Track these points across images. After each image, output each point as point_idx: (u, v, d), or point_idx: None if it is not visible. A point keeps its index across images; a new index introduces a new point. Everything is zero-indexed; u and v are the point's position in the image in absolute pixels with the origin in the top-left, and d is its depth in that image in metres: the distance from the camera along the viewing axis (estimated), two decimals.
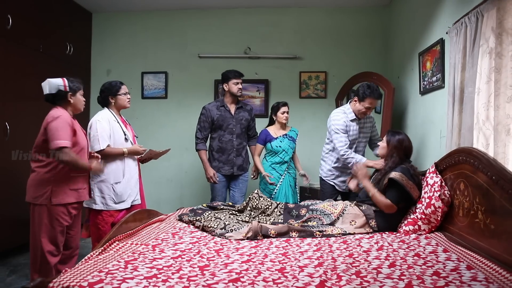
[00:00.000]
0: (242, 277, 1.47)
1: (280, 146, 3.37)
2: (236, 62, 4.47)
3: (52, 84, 2.32)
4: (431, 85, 2.88)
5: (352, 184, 2.74)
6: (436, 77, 2.77)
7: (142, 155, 2.92)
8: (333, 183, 3.13)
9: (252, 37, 4.51)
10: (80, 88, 2.40)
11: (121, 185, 2.65)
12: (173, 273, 1.49)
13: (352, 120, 2.97)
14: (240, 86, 3.36)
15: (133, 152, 2.74)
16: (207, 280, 1.43)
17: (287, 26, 4.49)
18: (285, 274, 1.52)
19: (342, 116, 2.97)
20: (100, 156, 2.52)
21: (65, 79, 2.34)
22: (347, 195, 3.12)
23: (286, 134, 3.42)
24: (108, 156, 2.61)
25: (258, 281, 1.44)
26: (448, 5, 2.66)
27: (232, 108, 3.40)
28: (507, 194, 1.59)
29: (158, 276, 1.46)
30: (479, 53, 1.96)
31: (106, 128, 2.61)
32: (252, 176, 3.61)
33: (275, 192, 3.34)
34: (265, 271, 1.56)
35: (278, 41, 4.49)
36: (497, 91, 1.74)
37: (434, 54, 2.82)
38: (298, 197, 3.53)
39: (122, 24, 4.64)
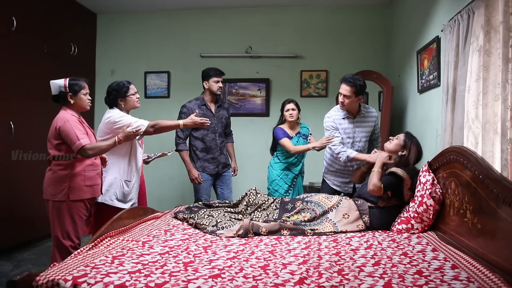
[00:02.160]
0: (224, 273, 1.50)
1: None
2: (238, 62, 4.51)
3: (54, 85, 2.37)
4: (428, 83, 2.86)
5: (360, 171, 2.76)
6: (433, 75, 2.75)
7: (148, 159, 2.97)
8: (332, 184, 3.06)
9: (253, 36, 4.53)
10: (82, 88, 2.40)
11: (130, 184, 2.70)
12: (156, 269, 1.52)
13: (344, 118, 2.90)
14: (220, 84, 3.31)
15: (191, 124, 2.72)
16: (188, 275, 1.45)
17: (288, 25, 4.50)
18: (267, 271, 1.54)
19: (333, 114, 2.94)
20: (107, 158, 2.58)
21: (67, 79, 2.36)
22: (349, 196, 3.06)
23: (299, 133, 3.34)
24: (161, 129, 2.63)
25: (239, 277, 1.46)
26: (444, 3, 2.63)
27: (213, 106, 3.39)
28: (492, 194, 1.58)
29: (142, 271, 1.49)
30: (470, 51, 1.94)
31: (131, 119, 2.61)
32: (232, 173, 3.59)
33: (289, 194, 3.27)
34: (248, 267, 1.58)
35: (279, 40, 4.50)
36: (485, 89, 1.71)
37: (431, 52, 2.79)
38: None
39: (126, 24, 4.71)
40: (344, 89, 2.73)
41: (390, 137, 2.60)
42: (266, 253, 1.82)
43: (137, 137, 2.66)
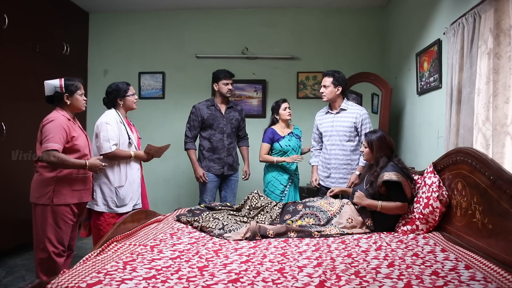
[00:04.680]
0: (242, 277, 1.47)
1: (289, 145, 3.29)
2: (234, 63, 4.47)
3: (49, 85, 2.31)
4: (428, 85, 2.90)
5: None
6: (434, 78, 2.78)
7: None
8: (321, 180, 3.15)
9: (250, 37, 4.51)
10: (78, 88, 2.37)
11: (124, 188, 2.64)
12: (172, 274, 1.49)
13: (327, 113, 3.10)
14: (230, 86, 3.33)
15: (139, 157, 2.74)
16: (207, 280, 1.43)
17: (284, 27, 4.50)
18: (284, 275, 1.52)
19: (319, 112, 3.20)
20: (102, 158, 2.51)
21: (62, 79, 2.31)
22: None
23: (292, 132, 3.36)
24: (115, 158, 2.60)
25: (258, 281, 1.44)
26: (445, 6, 2.67)
27: (223, 107, 3.39)
28: (505, 194, 1.60)
29: (157, 277, 1.45)
30: (477, 54, 1.97)
31: (115, 130, 2.60)
32: (243, 177, 3.57)
33: (285, 195, 3.27)
34: (264, 271, 1.56)
35: (276, 41, 4.49)
36: (496, 92, 1.75)
37: (431, 54, 2.83)
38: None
39: (119, 24, 4.63)
40: (324, 80, 3.02)
41: (361, 150, 2.62)
42: (278, 256, 1.80)
43: (132, 142, 2.71)
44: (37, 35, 3.68)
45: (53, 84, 2.30)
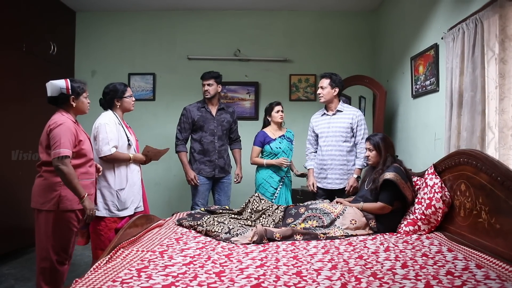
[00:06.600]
0: (263, 282, 1.45)
1: (280, 148, 3.30)
2: (226, 64, 4.45)
3: (55, 86, 2.18)
4: (424, 88, 2.96)
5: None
6: (430, 81, 2.85)
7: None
8: (316, 179, 3.15)
9: (242, 39, 4.49)
10: (84, 91, 2.28)
11: (125, 191, 2.57)
12: (190, 281, 1.45)
13: (323, 115, 3.16)
14: (205, 88, 3.30)
15: (138, 160, 2.69)
16: (228, 287, 1.40)
17: (277, 29, 4.51)
18: (304, 278, 1.51)
19: (315, 114, 3.26)
20: (101, 168, 2.43)
21: (68, 80, 2.21)
22: (331, 193, 3.07)
23: (283, 135, 3.37)
24: (114, 160, 2.53)
25: (280, 286, 1.42)
26: (441, 12, 2.74)
27: (213, 109, 3.35)
28: None
29: (176, 284, 1.41)
30: (480, 58, 2.03)
31: (114, 131, 2.54)
32: (235, 180, 3.54)
33: (275, 197, 3.29)
34: (282, 275, 1.54)
35: (268, 43, 4.50)
36: (502, 96, 1.81)
37: (427, 58, 2.89)
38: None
39: (108, 24, 4.52)
40: (321, 81, 3.10)
41: (366, 155, 2.62)
42: (291, 260, 1.79)
43: (131, 144, 2.68)
44: (23, 35, 3.53)
45: (58, 85, 2.18)
